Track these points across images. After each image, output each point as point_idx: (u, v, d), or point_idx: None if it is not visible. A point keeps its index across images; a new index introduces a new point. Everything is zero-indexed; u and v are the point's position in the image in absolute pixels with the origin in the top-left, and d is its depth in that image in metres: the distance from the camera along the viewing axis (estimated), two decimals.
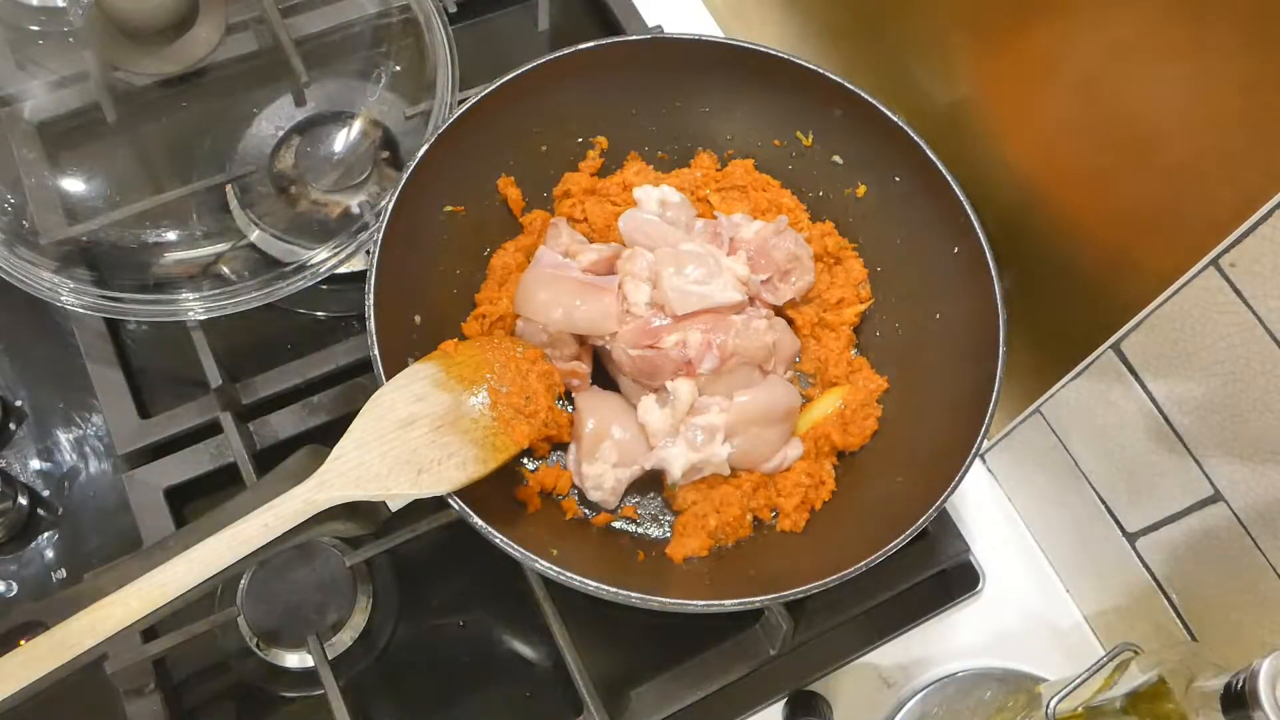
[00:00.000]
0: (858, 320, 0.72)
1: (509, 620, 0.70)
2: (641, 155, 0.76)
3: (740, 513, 0.65)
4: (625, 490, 0.66)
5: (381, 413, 0.57)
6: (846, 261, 0.73)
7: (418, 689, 0.68)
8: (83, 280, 0.67)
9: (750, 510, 0.66)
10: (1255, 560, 0.58)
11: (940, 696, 0.70)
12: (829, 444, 0.67)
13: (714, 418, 0.65)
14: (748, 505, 0.66)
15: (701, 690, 0.67)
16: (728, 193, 0.75)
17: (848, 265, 0.73)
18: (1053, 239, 0.65)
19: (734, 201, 0.74)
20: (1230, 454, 0.57)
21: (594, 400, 0.67)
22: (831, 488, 0.67)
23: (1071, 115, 0.60)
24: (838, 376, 0.70)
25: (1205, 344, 0.56)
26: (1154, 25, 0.52)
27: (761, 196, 0.74)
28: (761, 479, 0.67)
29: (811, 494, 0.66)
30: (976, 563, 0.75)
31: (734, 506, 0.65)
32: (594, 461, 0.65)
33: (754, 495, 0.66)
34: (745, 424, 0.65)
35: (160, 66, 0.72)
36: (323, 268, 0.70)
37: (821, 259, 0.73)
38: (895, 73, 0.74)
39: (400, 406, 0.57)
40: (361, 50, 0.78)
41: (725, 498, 0.65)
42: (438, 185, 0.67)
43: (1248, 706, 0.44)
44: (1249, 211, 0.50)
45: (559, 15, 0.93)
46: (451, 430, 0.57)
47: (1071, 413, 0.68)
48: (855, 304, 0.72)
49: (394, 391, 0.58)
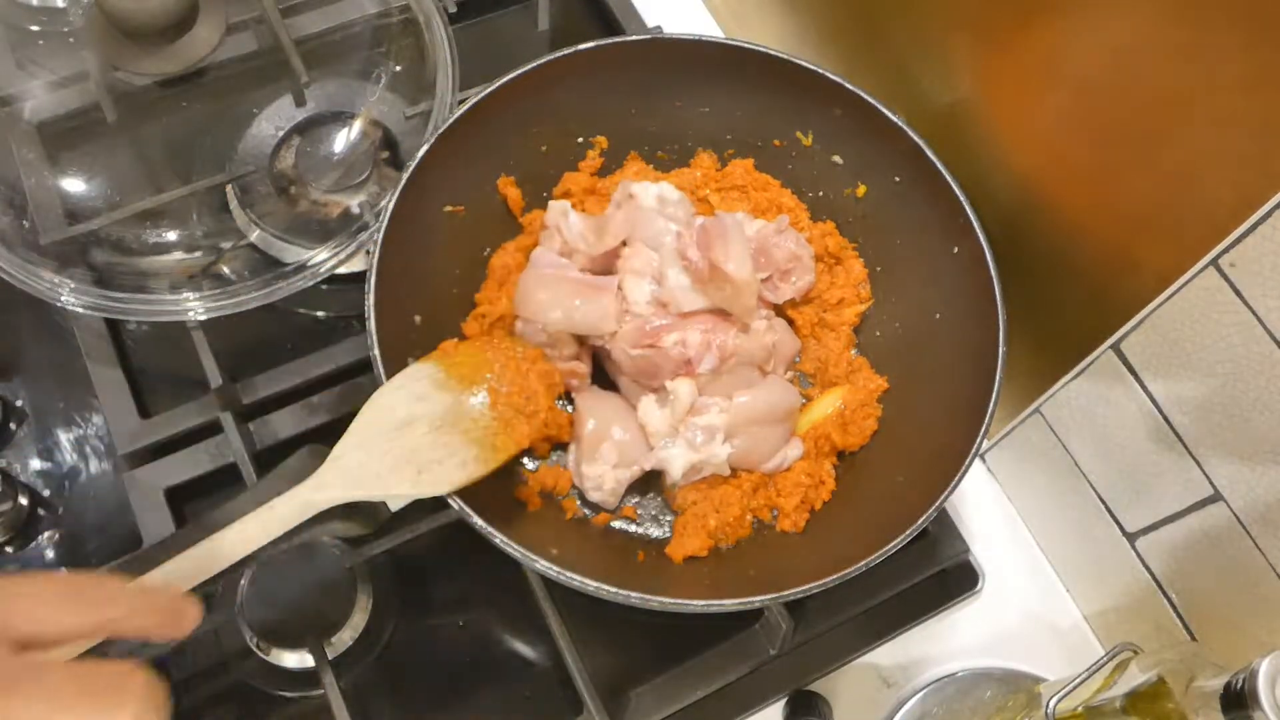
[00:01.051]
0: (858, 320, 0.72)
1: (509, 620, 0.70)
2: (641, 155, 0.76)
3: (740, 513, 0.65)
4: (625, 490, 0.66)
5: (381, 413, 0.57)
6: (847, 261, 0.73)
7: (418, 689, 0.68)
8: (83, 280, 0.67)
9: (750, 510, 0.66)
10: (1255, 560, 0.58)
11: (940, 696, 0.70)
12: (829, 444, 0.67)
13: (714, 418, 0.65)
14: (748, 505, 0.66)
15: (701, 690, 0.67)
16: (727, 193, 0.75)
17: (848, 265, 0.73)
18: (1053, 239, 0.65)
19: (734, 201, 0.74)
20: (1230, 454, 0.57)
21: (594, 400, 0.67)
22: (831, 487, 0.67)
23: (1071, 115, 0.60)
24: (838, 376, 0.70)
25: (1205, 344, 0.56)
26: (1154, 25, 0.52)
27: (762, 196, 0.74)
28: (761, 479, 0.67)
29: (811, 494, 0.66)
30: (976, 562, 0.75)
31: (734, 506, 0.65)
32: (594, 462, 0.65)
33: (754, 495, 0.66)
34: (745, 424, 0.65)
35: (160, 66, 0.72)
36: (323, 268, 0.70)
37: (822, 259, 0.73)
38: (895, 73, 0.74)
39: (400, 406, 0.57)
40: (361, 50, 0.78)
41: (725, 498, 0.65)
42: (438, 185, 0.67)
43: (1248, 706, 0.44)
44: (1249, 211, 0.50)
45: (559, 15, 0.93)
46: (452, 430, 0.57)
47: (1071, 413, 0.68)
48: (855, 304, 0.72)
49: (393, 392, 0.58)
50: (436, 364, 0.60)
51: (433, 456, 0.56)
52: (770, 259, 0.69)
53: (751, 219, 0.72)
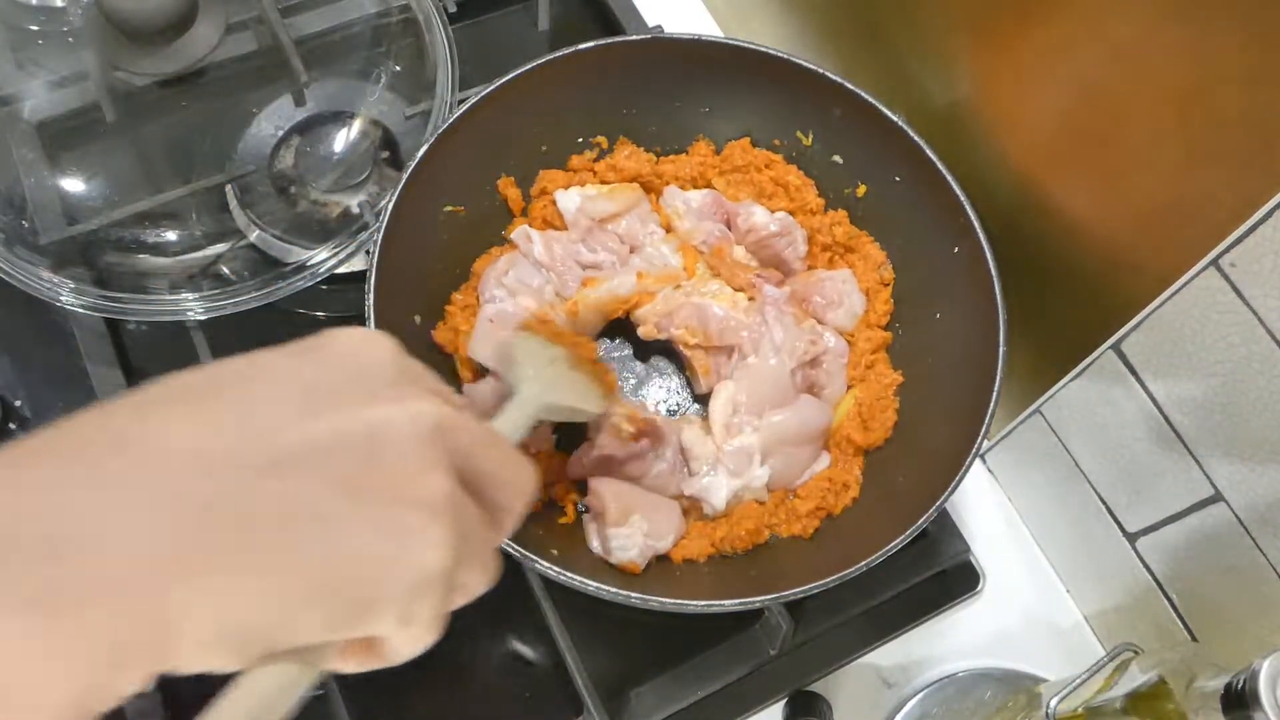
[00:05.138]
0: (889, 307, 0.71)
1: (509, 620, 0.70)
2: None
3: (756, 527, 0.64)
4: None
5: (535, 347, 0.60)
6: (861, 249, 0.72)
7: (418, 689, 0.68)
8: (83, 280, 0.67)
9: (769, 526, 0.65)
10: (1255, 560, 0.58)
11: (940, 696, 0.70)
12: (852, 446, 0.67)
13: (748, 438, 0.64)
14: (766, 521, 0.65)
15: (701, 690, 0.67)
16: (730, 175, 0.74)
17: (864, 252, 0.72)
18: (1053, 239, 0.65)
19: (739, 185, 0.74)
20: (1230, 454, 0.57)
21: (613, 485, 0.64)
22: (854, 494, 0.66)
23: (1071, 115, 0.60)
24: (852, 378, 0.70)
25: (1205, 344, 0.56)
26: (1154, 24, 0.52)
27: (766, 177, 0.73)
28: (784, 494, 0.66)
29: (830, 499, 0.65)
30: (976, 563, 0.75)
31: (750, 520, 0.64)
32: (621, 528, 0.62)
33: (775, 512, 0.65)
34: (779, 444, 0.65)
35: (160, 66, 0.72)
36: (323, 268, 0.70)
37: (830, 248, 0.72)
38: (895, 73, 0.74)
39: (539, 348, 0.60)
40: (361, 50, 0.78)
41: (745, 511, 0.65)
42: (438, 185, 0.67)
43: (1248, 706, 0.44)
44: (1249, 211, 0.50)
45: (559, 15, 0.93)
46: (579, 369, 0.61)
47: (1071, 413, 0.68)
48: (880, 289, 0.71)
49: (528, 339, 0.61)
50: (533, 332, 0.62)
51: (583, 382, 0.60)
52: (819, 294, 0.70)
53: (767, 212, 0.71)
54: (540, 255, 0.69)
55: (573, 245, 0.70)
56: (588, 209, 0.71)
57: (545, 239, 0.70)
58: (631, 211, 0.72)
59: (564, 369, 0.60)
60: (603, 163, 0.74)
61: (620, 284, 0.68)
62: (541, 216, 0.72)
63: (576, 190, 0.71)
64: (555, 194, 0.72)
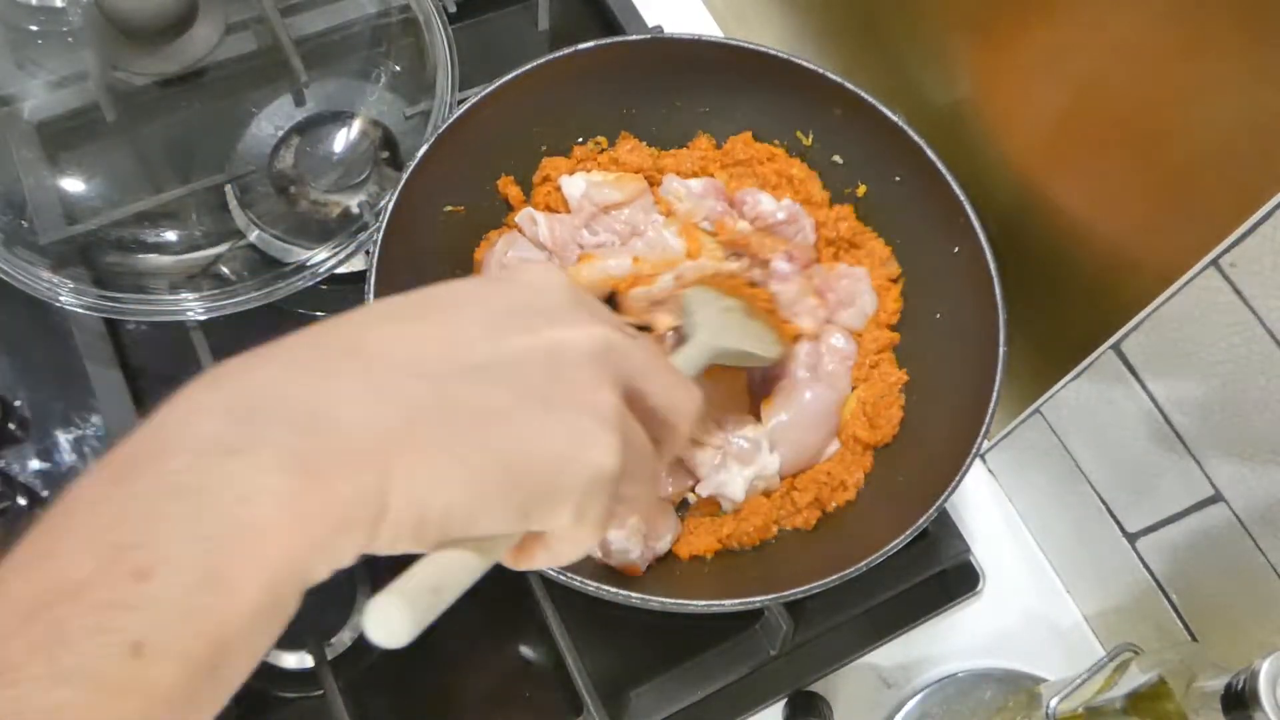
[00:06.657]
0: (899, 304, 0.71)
1: (509, 620, 0.70)
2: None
3: (765, 523, 0.64)
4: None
5: (708, 297, 0.64)
6: (867, 244, 0.72)
7: (417, 689, 0.68)
8: (82, 280, 0.67)
9: (776, 521, 0.65)
10: (1255, 560, 0.58)
11: (940, 696, 0.70)
12: (859, 444, 0.67)
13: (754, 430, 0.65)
14: (774, 516, 0.65)
15: (701, 690, 0.67)
16: (732, 169, 0.74)
17: (869, 248, 0.71)
18: (1053, 239, 0.64)
19: (743, 178, 0.73)
20: (1230, 454, 0.57)
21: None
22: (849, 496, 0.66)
23: (1072, 115, 0.60)
24: (856, 379, 0.69)
25: (1205, 344, 0.56)
26: (1154, 25, 0.52)
27: (769, 169, 0.73)
28: (789, 483, 0.66)
29: (826, 494, 0.66)
30: (976, 563, 0.75)
31: (760, 515, 0.64)
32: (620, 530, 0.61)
33: (781, 505, 0.65)
34: (785, 431, 0.66)
35: (160, 66, 0.72)
36: (323, 268, 0.70)
37: (835, 243, 0.72)
38: (895, 73, 0.74)
39: (712, 298, 0.64)
40: (361, 50, 0.78)
41: (755, 506, 0.65)
42: (438, 185, 0.67)
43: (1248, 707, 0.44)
44: (1249, 211, 0.50)
45: (559, 15, 0.93)
46: (754, 318, 0.64)
47: (1071, 413, 0.68)
48: (890, 286, 0.71)
49: (702, 291, 0.64)
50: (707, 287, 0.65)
51: (758, 331, 0.64)
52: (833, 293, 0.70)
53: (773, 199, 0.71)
54: (544, 237, 0.69)
55: (575, 229, 0.70)
56: (593, 195, 0.70)
57: (549, 221, 0.69)
58: (635, 202, 0.72)
59: (738, 316, 0.63)
60: (605, 155, 0.74)
61: (616, 265, 0.68)
62: (545, 203, 0.72)
63: (582, 175, 0.71)
64: (560, 179, 0.71)
